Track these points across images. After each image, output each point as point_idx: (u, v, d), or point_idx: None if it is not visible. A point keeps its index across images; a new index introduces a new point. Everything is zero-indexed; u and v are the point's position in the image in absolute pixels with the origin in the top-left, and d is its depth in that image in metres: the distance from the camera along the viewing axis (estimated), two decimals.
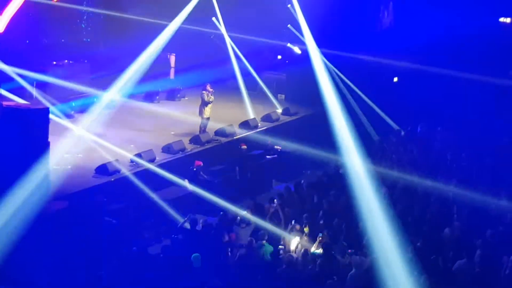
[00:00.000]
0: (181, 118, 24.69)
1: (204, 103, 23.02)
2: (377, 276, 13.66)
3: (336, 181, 20.16)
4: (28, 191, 15.98)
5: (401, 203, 18.32)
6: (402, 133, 24.20)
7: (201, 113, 23.19)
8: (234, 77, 28.42)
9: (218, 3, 27.27)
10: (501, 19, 29.57)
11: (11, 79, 21.00)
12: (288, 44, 29.07)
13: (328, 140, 23.76)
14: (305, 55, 28.26)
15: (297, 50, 29.10)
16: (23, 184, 15.98)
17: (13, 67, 21.17)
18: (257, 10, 27.96)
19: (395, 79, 29.52)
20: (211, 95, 23.12)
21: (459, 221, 16.94)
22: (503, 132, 24.32)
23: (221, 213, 17.79)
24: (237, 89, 28.16)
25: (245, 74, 28.32)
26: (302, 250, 15.42)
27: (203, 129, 23.27)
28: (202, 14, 27.24)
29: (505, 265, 14.60)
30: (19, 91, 22.06)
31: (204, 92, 23.06)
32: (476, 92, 27.15)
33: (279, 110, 27.16)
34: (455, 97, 27.32)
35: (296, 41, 28.98)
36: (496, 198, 17.73)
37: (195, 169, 21.00)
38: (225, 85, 27.14)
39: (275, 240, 16.33)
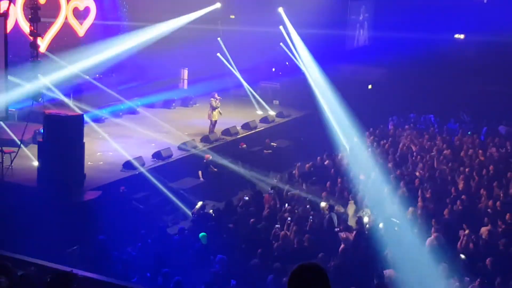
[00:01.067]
0: (193, 121, 25.01)
1: (213, 108, 23.22)
2: None
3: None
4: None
5: None
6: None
7: (209, 116, 23.38)
8: (236, 86, 28.39)
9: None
10: (456, 36, 29.76)
11: (52, 91, 20.74)
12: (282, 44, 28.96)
13: (317, 136, 24.49)
14: (295, 68, 28.61)
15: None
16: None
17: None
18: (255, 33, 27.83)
19: (370, 86, 29.74)
20: (218, 101, 23.35)
21: None
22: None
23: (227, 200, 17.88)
24: (238, 96, 28.24)
25: (246, 84, 28.28)
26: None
27: (211, 130, 23.47)
28: (209, 36, 27.51)
29: None
30: (58, 101, 21.99)
31: (212, 99, 23.28)
32: (437, 97, 27.69)
33: (273, 113, 27.20)
34: (419, 102, 27.69)
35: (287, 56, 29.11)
36: None
37: (205, 161, 21.25)
38: (228, 94, 27.14)
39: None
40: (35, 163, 17.58)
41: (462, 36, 29.74)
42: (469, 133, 24.88)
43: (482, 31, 27.06)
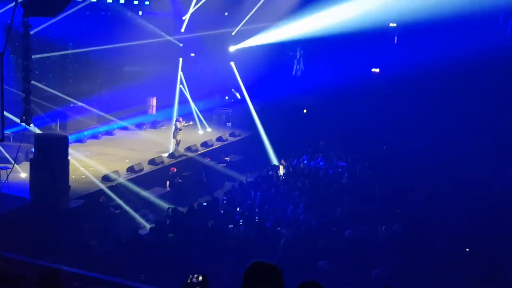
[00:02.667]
0: (161, 140, 24.65)
1: (177, 129, 23.20)
2: None
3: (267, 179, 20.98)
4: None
5: None
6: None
7: (174, 136, 23.32)
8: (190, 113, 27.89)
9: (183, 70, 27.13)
10: (373, 69, 30.14)
11: (41, 117, 20.78)
12: (232, 90, 29.49)
13: (260, 152, 24.78)
14: (243, 96, 28.86)
15: (238, 95, 29.59)
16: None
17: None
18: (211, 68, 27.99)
19: (305, 111, 29.83)
20: (182, 124, 23.33)
21: None
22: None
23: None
24: (198, 120, 27.93)
25: (202, 110, 28.23)
26: None
27: (176, 148, 23.38)
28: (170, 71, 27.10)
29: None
30: (48, 126, 22.10)
31: (177, 122, 23.36)
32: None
33: (227, 134, 27.06)
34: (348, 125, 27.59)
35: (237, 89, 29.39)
36: None
37: (170, 173, 21.32)
38: (189, 118, 26.67)
39: None
40: (23, 175, 17.73)
41: (377, 70, 30.07)
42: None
43: (393, 65, 27.48)
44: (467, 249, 13.99)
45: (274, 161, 23.82)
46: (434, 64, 25.23)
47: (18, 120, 16.57)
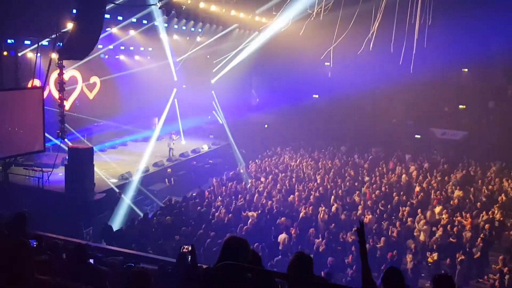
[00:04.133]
0: (161, 149, 24.07)
1: (171, 140, 23.41)
2: None
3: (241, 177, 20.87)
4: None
5: None
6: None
7: (169, 146, 23.31)
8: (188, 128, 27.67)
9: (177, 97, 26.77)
10: (314, 95, 30.06)
11: (73, 133, 20.42)
12: (213, 112, 29.09)
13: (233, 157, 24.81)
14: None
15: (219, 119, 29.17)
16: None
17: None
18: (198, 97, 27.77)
19: (266, 126, 29.67)
20: (175, 137, 23.53)
21: None
22: None
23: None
24: (190, 134, 27.39)
25: (192, 127, 27.75)
26: None
27: (171, 154, 23.26)
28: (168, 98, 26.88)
29: None
30: (78, 139, 21.73)
31: (172, 135, 23.58)
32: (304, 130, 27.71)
33: (209, 144, 26.74)
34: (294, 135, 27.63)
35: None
36: None
37: (168, 171, 21.39)
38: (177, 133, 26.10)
39: None
40: (60, 175, 17.26)
41: (317, 96, 30.10)
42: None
43: (328, 92, 27.87)
44: None
45: (242, 163, 23.71)
46: (356, 91, 25.77)
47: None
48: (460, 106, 27.10)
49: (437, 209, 15.61)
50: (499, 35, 21.91)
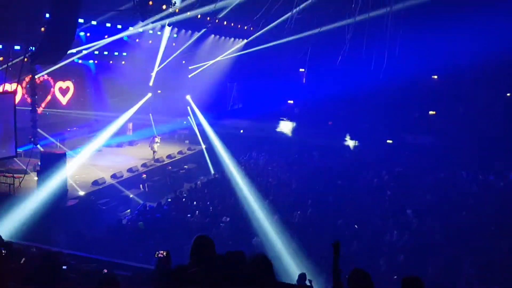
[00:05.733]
0: (136, 154, 24.25)
1: (154, 143, 23.18)
2: None
3: (216, 182, 20.91)
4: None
5: None
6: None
7: (152, 149, 23.17)
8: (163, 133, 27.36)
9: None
10: (289, 101, 30.43)
11: (46, 138, 20.11)
12: (188, 117, 28.77)
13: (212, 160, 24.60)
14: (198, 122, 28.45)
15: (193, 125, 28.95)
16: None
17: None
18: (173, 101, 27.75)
19: (241, 131, 29.71)
20: (157, 141, 23.27)
21: None
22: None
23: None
24: (166, 139, 27.03)
25: (167, 132, 27.78)
26: None
27: (154, 157, 23.16)
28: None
29: None
30: (51, 144, 21.39)
31: (154, 138, 23.31)
32: None
33: (185, 148, 26.66)
34: None
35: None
36: None
37: (143, 176, 21.19)
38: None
39: None
40: (32, 182, 16.88)
41: (292, 101, 30.42)
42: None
43: (302, 98, 28.21)
44: None
45: (212, 169, 23.56)
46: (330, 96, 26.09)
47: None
48: (430, 112, 27.66)
49: None
50: (467, 41, 22.52)
